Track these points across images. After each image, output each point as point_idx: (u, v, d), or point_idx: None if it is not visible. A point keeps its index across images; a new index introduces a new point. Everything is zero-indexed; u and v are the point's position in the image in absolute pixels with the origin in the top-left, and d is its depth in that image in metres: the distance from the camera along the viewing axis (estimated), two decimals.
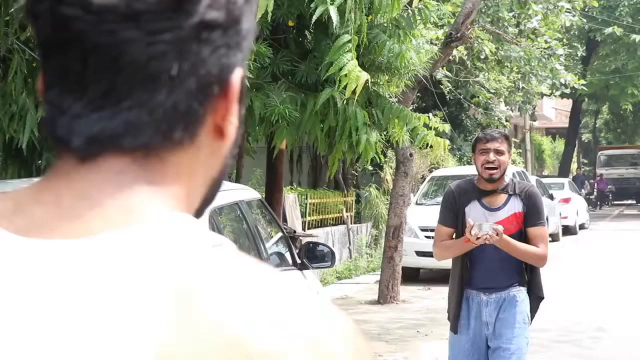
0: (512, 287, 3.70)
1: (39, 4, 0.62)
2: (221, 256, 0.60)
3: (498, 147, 3.66)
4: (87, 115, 0.61)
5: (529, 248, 3.62)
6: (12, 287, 0.58)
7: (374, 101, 6.67)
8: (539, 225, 3.68)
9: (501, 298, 3.69)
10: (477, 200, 3.71)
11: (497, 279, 3.68)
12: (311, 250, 5.02)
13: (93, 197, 0.61)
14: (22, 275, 0.59)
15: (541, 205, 3.73)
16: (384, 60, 6.41)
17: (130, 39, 0.60)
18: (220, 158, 0.68)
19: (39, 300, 0.58)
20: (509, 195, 3.70)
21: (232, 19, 0.64)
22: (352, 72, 5.29)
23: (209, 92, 0.64)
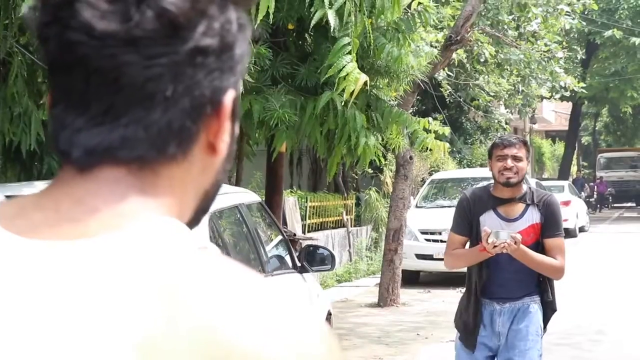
0: (526, 297, 3.58)
1: (47, 29, 0.67)
2: (205, 258, 0.65)
3: (516, 154, 3.53)
4: (87, 130, 0.67)
5: (545, 259, 3.48)
6: (9, 283, 0.63)
7: (373, 104, 6.67)
8: (557, 237, 3.53)
9: (515, 308, 3.57)
10: (492, 209, 3.56)
11: (511, 289, 3.56)
12: (311, 253, 5.02)
13: (89, 203, 0.67)
14: (20, 272, 0.64)
15: (560, 216, 3.60)
16: (383, 64, 6.41)
17: (129, 62, 0.66)
18: (212, 172, 0.73)
19: (35, 296, 0.63)
20: (527, 205, 3.55)
21: (225, 45, 0.69)
22: (351, 73, 5.30)
23: (202, 111, 0.69)
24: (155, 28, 0.65)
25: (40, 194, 0.70)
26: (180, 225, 0.68)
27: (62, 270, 0.63)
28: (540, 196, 3.56)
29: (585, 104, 32.03)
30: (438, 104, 14.79)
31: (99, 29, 0.65)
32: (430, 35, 9.90)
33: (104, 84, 0.66)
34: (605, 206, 31.73)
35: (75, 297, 0.62)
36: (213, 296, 0.62)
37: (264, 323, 0.62)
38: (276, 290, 0.65)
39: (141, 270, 0.63)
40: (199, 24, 0.67)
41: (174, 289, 0.62)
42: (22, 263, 0.64)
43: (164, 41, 0.66)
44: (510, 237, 3.35)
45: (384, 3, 5.40)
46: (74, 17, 0.65)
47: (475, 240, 3.54)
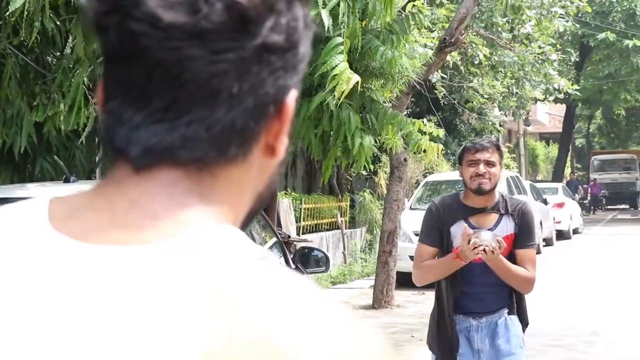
0: (502, 309, 3.34)
1: (107, 18, 0.64)
2: (266, 269, 0.62)
3: (489, 158, 3.24)
4: (146, 127, 0.64)
5: (519, 271, 3.23)
6: (66, 289, 0.61)
7: (368, 106, 6.67)
8: (529, 247, 3.29)
9: (493, 322, 3.32)
10: (464, 219, 3.27)
11: (487, 303, 3.32)
12: (305, 255, 5.01)
13: (145, 206, 0.64)
14: (77, 279, 0.61)
15: (534, 225, 3.34)
16: (377, 66, 6.42)
17: (194, 56, 0.62)
18: (268, 175, 0.71)
19: (91, 304, 0.60)
20: (501, 215, 3.28)
21: (291, 43, 0.66)
22: (343, 73, 5.30)
23: (265, 111, 0.66)
24: (223, 21, 0.62)
25: (93, 192, 0.67)
26: (241, 234, 0.65)
27: (119, 277, 0.60)
28: (515, 205, 3.30)
29: (579, 106, 32.11)
30: (432, 106, 14.81)
31: (166, 20, 0.61)
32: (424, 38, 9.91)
33: (166, 78, 0.62)
34: (598, 208, 31.81)
35: (136, 306, 0.59)
36: (273, 309, 0.60)
37: (324, 338, 0.60)
38: (336, 305, 0.63)
39: (202, 280, 0.60)
40: (267, 19, 0.64)
41: (234, 300, 0.59)
42: (77, 269, 0.61)
43: (231, 35, 0.62)
44: (495, 241, 3.10)
45: (375, 6, 5.41)
46: (138, 6, 0.62)
47: (446, 253, 3.28)
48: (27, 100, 5.31)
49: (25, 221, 0.66)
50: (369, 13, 5.58)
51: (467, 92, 15.66)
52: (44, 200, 0.68)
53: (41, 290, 0.61)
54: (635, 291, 10.21)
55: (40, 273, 0.62)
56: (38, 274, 0.62)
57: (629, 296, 9.80)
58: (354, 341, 0.61)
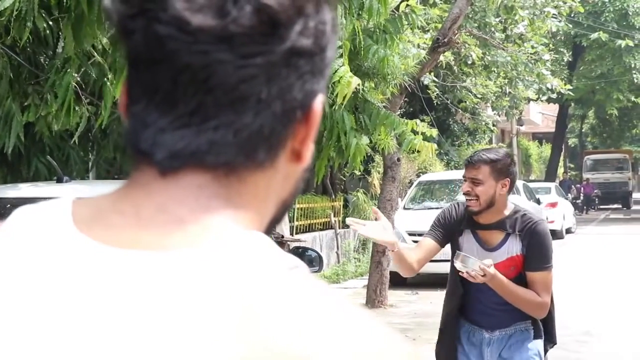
0: (519, 323, 3.10)
1: (132, 22, 0.62)
2: (297, 281, 0.61)
3: (475, 176, 3.01)
4: (172, 131, 0.62)
5: (527, 294, 3.00)
6: (94, 294, 0.60)
7: (361, 106, 6.67)
8: (540, 270, 3.02)
9: (505, 336, 3.10)
10: (471, 232, 3.09)
11: (498, 320, 3.10)
12: (299, 255, 5.01)
13: (173, 211, 0.62)
14: (104, 283, 0.60)
15: (547, 247, 3.05)
16: (370, 66, 6.42)
17: (222, 60, 0.61)
18: (293, 181, 0.69)
19: (118, 309, 0.59)
20: (507, 234, 3.04)
21: (319, 47, 0.65)
22: (344, 77, 5.30)
23: (292, 116, 0.65)
24: (252, 25, 0.61)
25: (117, 195, 0.66)
26: (270, 241, 0.63)
27: (146, 283, 0.59)
28: (525, 224, 3.02)
29: (572, 106, 32.20)
30: (425, 106, 14.82)
31: (194, 23, 0.60)
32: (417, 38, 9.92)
33: (193, 82, 0.61)
34: (591, 208, 31.91)
35: (163, 313, 0.58)
36: (302, 324, 0.58)
37: (356, 354, 0.58)
38: (368, 319, 0.62)
39: (230, 290, 0.59)
40: (296, 23, 0.62)
41: (261, 313, 0.58)
42: (105, 273, 0.61)
43: (260, 39, 0.61)
44: (479, 268, 2.88)
45: (372, 4, 5.41)
46: (165, 9, 0.60)
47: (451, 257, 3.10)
48: (20, 100, 5.29)
49: (49, 223, 0.65)
50: (367, 12, 5.58)
51: (460, 92, 15.69)
52: (67, 201, 0.68)
53: (68, 294, 0.61)
54: (628, 291, 10.25)
55: (68, 277, 0.61)
56: (66, 277, 0.62)
57: (622, 296, 9.83)
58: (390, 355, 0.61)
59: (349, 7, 5.28)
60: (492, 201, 3.00)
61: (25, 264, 0.63)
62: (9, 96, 5.14)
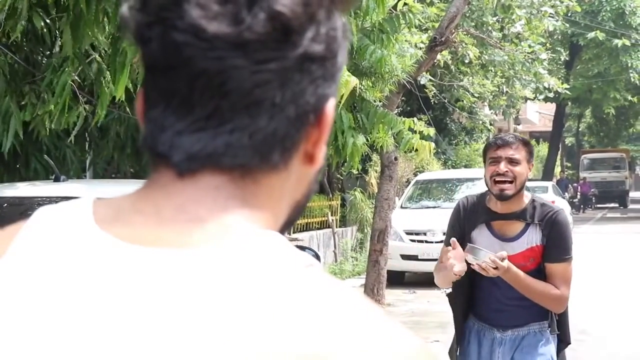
0: (533, 324, 2.96)
1: (149, 30, 0.64)
2: (313, 277, 0.63)
3: (512, 155, 2.84)
4: (189, 134, 0.65)
5: (545, 287, 2.85)
6: (122, 291, 0.62)
7: (358, 105, 6.68)
8: (560, 262, 2.89)
9: (518, 336, 2.96)
10: (485, 224, 2.92)
11: (510, 316, 2.95)
12: None
13: (192, 211, 0.65)
14: (132, 281, 0.62)
15: (568, 237, 2.94)
16: (367, 65, 6.42)
17: (237, 66, 0.63)
18: (306, 183, 0.72)
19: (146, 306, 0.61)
20: (527, 224, 2.90)
21: (331, 52, 0.67)
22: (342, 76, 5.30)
23: (305, 120, 0.67)
24: (266, 31, 0.63)
25: (136, 196, 0.68)
26: (286, 240, 0.65)
27: (172, 280, 0.61)
28: (545, 213, 2.90)
29: (569, 105, 32.24)
30: (423, 105, 14.83)
31: (210, 30, 0.62)
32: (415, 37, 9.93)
33: (209, 88, 0.63)
34: (588, 207, 31.95)
35: (187, 310, 0.60)
36: (322, 322, 0.60)
37: (376, 353, 0.60)
38: (384, 316, 0.63)
39: (251, 287, 0.60)
40: (308, 29, 0.65)
41: (284, 310, 0.60)
42: (131, 271, 0.62)
43: (274, 46, 0.63)
44: (490, 260, 2.74)
45: (369, 3, 5.41)
46: (182, 17, 0.62)
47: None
48: (17, 99, 5.28)
49: (72, 221, 0.67)
50: (362, 11, 5.58)
51: (458, 91, 15.70)
52: (87, 201, 0.69)
53: (95, 290, 0.62)
54: (625, 289, 10.27)
55: (93, 273, 0.63)
56: (91, 274, 0.63)
57: (619, 295, 9.85)
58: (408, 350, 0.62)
59: None
60: (523, 186, 2.87)
61: (50, 262, 0.64)
62: (6, 95, 5.13)
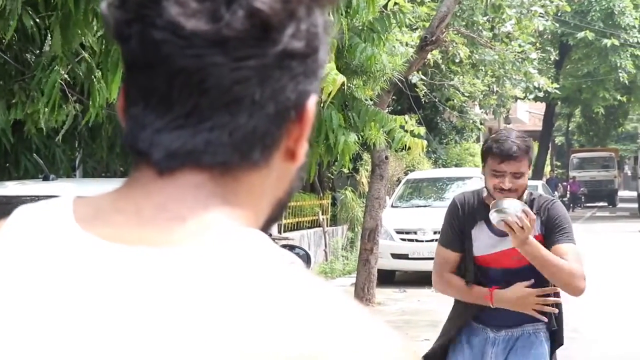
0: (527, 324, 2.88)
1: (128, 28, 0.64)
2: (297, 276, 0.63)
3: (517, 170, 2.73)
4: (169, 131, 0.65)
5: (560, 261, 2.69)
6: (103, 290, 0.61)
7: (349, 104, 6.68)
8: (565, 242, 2.75)
9: (512, 337, 2.87)
10: (484, 221, 2.82)
11: (504, 315, 2.84)
12: None
13: (173, 210, 0.64)
14: (110, 279, 0.62)
15: (567, 220, 2.84)
16: (358, 64, 6.43)
17: (216, 63, 0.63)
18: (288, 180, 0.71)
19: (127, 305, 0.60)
20: None
21: (311, 49, 0.67)
22: (329, 75, 5.31)
23: (286, 116, 0.67)
24: (245, 28, 0.63)
25: (116, 194, 0.67)
26: (267, 238, 0.65)
27: (153, 278, 0.61)
28: (542, 203, 2.83)
29: (559, 105, 32.36)
30: (413, 104, 14.86)
31: (188, 28, 0.62)
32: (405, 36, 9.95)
33: (188, 85, 0.63)
34: (578, 206, 32.09)
35: (170, 309, 0.59)
36: (310, 321, 0.60)
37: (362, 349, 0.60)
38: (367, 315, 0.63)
39: (234, 285, 0.60)
40: (288, 26, 0.64)
41: (268, 309, 0.59)
42: (112, 269, 0.62)
43: (253, 43, 0.63)
44: (521, 211, 2.58)
45: (359, 2, 5.41)
46: (160, 15, 0.62)
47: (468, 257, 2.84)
48: (6, 98, 5.26)
49: (52, 221, 0.66)
50: (353, 10, 5.58)
51: (448, 90, 15.73)
52: (67, 199, 0.69)
53: (75, 290, 0.62)
54: (615, 288, 10.32)
55: (74, 273, 0.62)
56: (72, 273, 0.62)
57: (610, 293, 9.89)
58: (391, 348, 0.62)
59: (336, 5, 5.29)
60: (524, 191, 2.80)
61: (30, 262, 0.64)
62: None
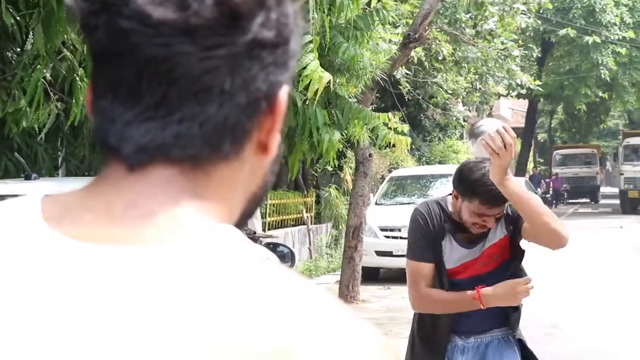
0: (496, 330, 2.80)
1: (95, 18, 0.63)
2: (270, 272, 0.62)
3: (499, 213, 2.63)
4: (138, 124, 0.63)
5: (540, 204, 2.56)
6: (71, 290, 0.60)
7: (333, 101, 6.69)
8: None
9: (482, 344, 2.79)
10: (452, 235, 2.70)
11: (473, 321, 2.75)
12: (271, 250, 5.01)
13: (143, 207, 0.63)
14: (82, 279, 0.60)
15: None
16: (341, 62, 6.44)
17: (184, 52, 0.62)
18: (261, 173, 0.70)
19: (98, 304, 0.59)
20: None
21: (282, 39, 0.66)
22: (315, 72, 5.31)
23: (257, 107, 0.66)
24: (214, 17, 0.62)
25: (85, 192, 0.66)
26: (241, 234, 0.64)
27: (123, 277, 0.59)
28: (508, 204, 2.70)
29: (541, 102, 32.53)
30: (397, 101, 14.89)
31: (155, 16, 0.61)
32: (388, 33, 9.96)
33: (157, 75, 0.62)
34: (560, 202, 32.30)
35: (141, 307, 0.58)
36: (285, 317, 0.59)
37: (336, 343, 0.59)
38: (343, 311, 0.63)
39: (207, 282, 0.59)
40: (258, 15, 0.63)
41: (242, 305, 0.58)
42: (82, 269, 0.60)
43: (222, 31, 0.62)
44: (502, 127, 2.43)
45: (343, 0, 5.42)
46: (127, 4, 0.61)
47: (440, 268, 2.70)
48: None
49: (19, 220, 0.65)
50: (337, 8, 5.59)
51: (432, 87, 15.78)
52: (36, 198, 0.67)
53: (43, 291, 0.60)
54: (596, 284, 10.41)
55: (41, 273, 0.61)
56: (39, 274, 0.61)
57: (590, 289, 9.98)
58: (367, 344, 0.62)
59: (319, 3, 5.29)
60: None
61: None
62: None
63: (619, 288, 9.94)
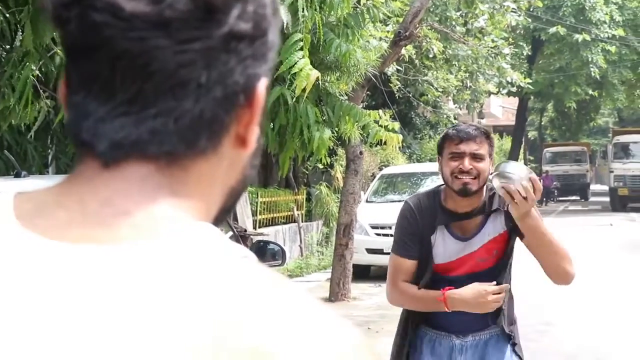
0: (493, 327, 2.73)
1: (67, 11, 0.61)
2: (250, 270, 0.61)
3: (476, 151, 2.56)
4: (112, 120, 0.62)
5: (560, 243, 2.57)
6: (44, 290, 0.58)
7: (324, 99, 6.69)
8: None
9: (480, 341, 2.71)
10: (445, 227, 2.62)
11: (473, 320, 2.67)
12: (262, 248, 5.01)
13: (119, 205, 0.61)
14: (55, 279, 0.58)
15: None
16: (332, 59, 6.44)
17: (159, 46, 0.60)
18: (239, 168, 0.68)
19: (69, 306, 0.57)
20: (486, 216, 2.63)
21: (259, 31, 0.65)
22: (303, 70, 5.31)
23: (234, 101, 0.64)
24: (188, 10, 0.60)
25: (59, 189, 0.64)
26: (218, 231, 0.63)
27: (99, 277, 0.58)
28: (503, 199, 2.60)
29: (532, 99, 32.64)
30: (387, 99, 14.90)
31: (128, 9, 0.59)
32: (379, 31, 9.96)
33: (131, 69, 0.61)
34: (551, 200, 32.42)
35: (116, 307, 0.57)
36: (263, 315, 0.58)
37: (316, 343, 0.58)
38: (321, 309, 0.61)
39: (184, 281, 0.58)
40: (234, 7, 0.62)
41: (220, 304, 0.57)
42: (55, 269, 0.59)
43: (197, 24, 0.61)
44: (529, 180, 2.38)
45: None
46: None
47: (425, 265, 2.63)
48: None
49: None
50: (327, 5, 5.58)
51: (422, 85, 15.80)
52: (7, 196, 0.66)
53: (15, 292, 0.58)
54: (587, 281, 10.45)
55: (13, 274, 0.59)
56: (11, 274, 0.59)
57: (582, 286, 10.00)
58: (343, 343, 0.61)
59: (310, 0, 5.28)
60: (485, 181, 2.61)
61: None
62: None
63: (609, 285, 9.99)
